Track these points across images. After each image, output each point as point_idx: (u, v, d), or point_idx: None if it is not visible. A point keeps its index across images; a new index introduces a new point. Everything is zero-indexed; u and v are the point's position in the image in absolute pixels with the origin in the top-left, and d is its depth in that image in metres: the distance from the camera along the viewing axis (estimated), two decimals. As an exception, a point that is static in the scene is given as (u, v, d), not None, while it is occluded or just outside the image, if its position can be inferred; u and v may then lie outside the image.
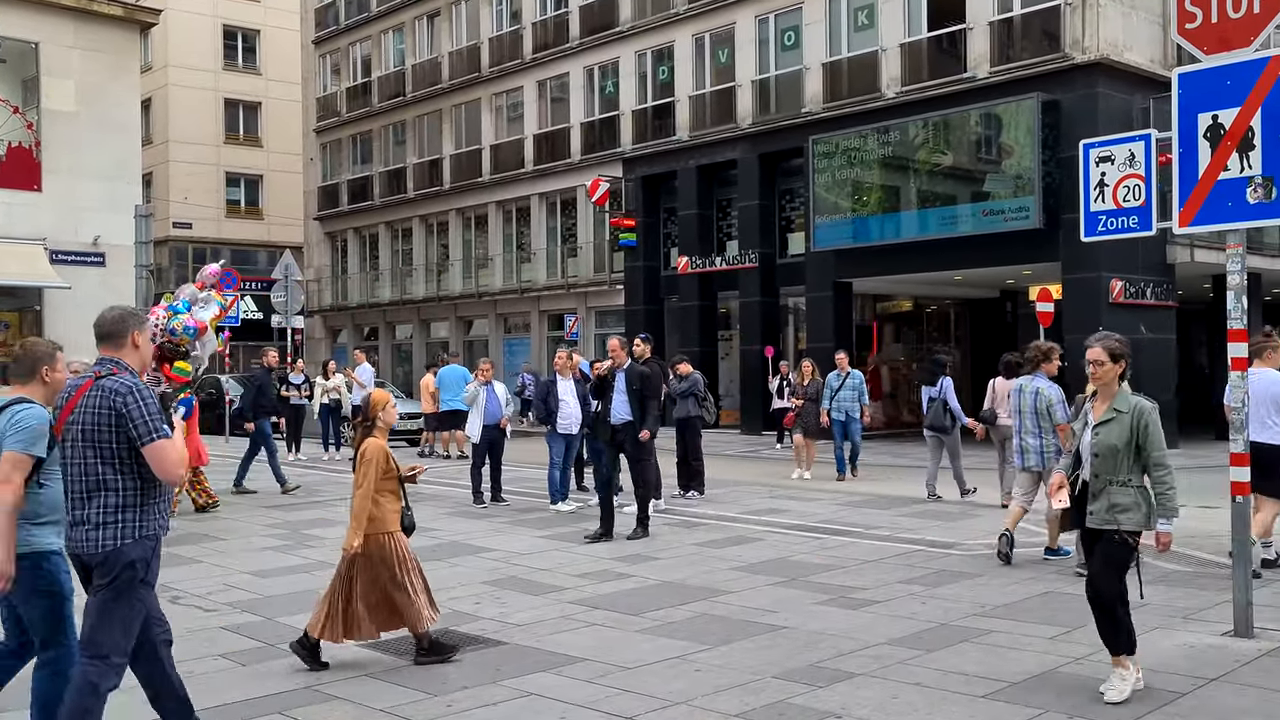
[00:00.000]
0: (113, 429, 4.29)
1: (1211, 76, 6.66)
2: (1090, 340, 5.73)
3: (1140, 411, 5.53)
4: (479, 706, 5.51)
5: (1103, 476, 5.55)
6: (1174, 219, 6.90)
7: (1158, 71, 20.41)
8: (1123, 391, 5.62)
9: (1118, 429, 5.52)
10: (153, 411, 4.32)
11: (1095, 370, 5.64)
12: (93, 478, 4.32)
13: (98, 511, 4.30)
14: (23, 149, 21.71)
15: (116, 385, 4.33)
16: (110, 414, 4.29)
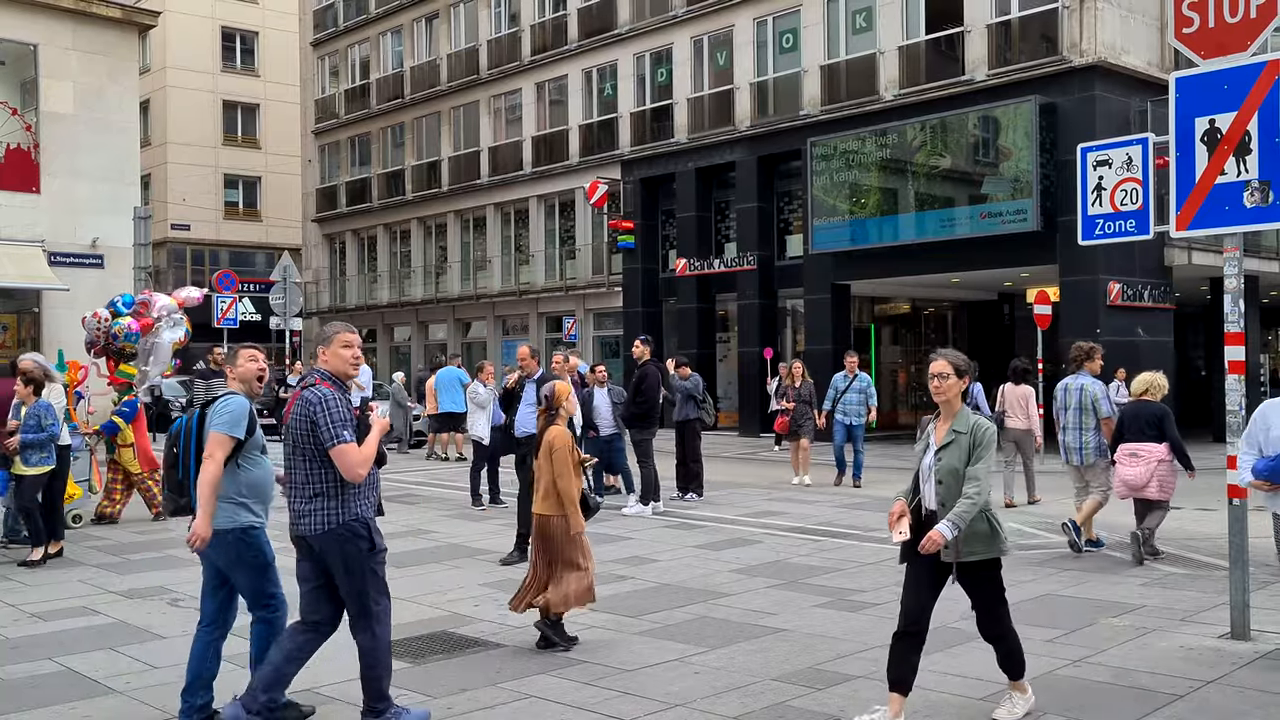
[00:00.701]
0: (309, 433, 4.98)
1: (1208, 81, 6.68)
2: (935, 353, 5.29)
3: (977, 430, 5.11)
4: (478, 709, 5.52)
5: (949, 504, 5.10)
6: (1171, 223, 6.93)
7: (1155, 75, 20.45)
8: (963, 411, 5.21)
9: (957, 451, 5.10)
10: (336, 420, 4.94)
11: (939, 384, 5.18)
12: (300, 472, 5.07)
13: (306, 501, 5.05)
14: (21, 151, 21.70)
15: (311, 396, 5.00)
16: (307, 421, 4.98)
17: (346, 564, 5.03)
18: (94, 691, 5.82)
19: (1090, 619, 7.21)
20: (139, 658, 6.47)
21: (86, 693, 5.80)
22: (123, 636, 6.98)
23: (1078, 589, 8.23)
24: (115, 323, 12.77)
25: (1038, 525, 11.49)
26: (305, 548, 5.14)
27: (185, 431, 5.24)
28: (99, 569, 9.32)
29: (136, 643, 6.82)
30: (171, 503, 5.34)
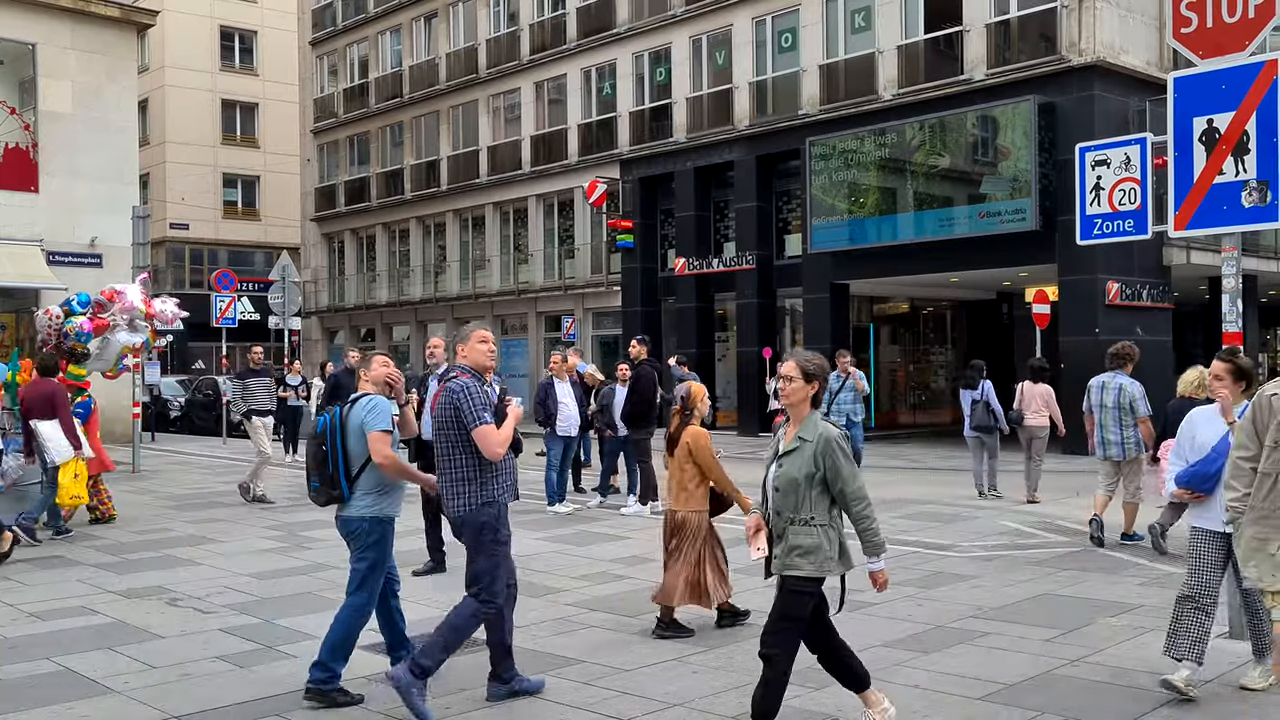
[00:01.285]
0: (454, 420, 5.50)
1: (1206, 81, 6.69)
2: (786, 354, 5.01)
3: (825, 440, 4.74)
4: (476, 708, 5.53)
5: (784, 514, 4.79)
6: (1169, 222, 6.94)
7: (1154, 74, 20.46)
8: (811, 418, 4.86)
9: (799, 460, 4.76)
10: (477, 404, 5.46)
11: (784, 387, 4.85)
12: (445, 458, 5.57)
13: (451, 484, 5.57)
14: (20, 150, 21.69)
15: (455, 386, 5.56)
16: (452, 408, 5.51)
17: (476, 543, 5.60)
18: (92, 691, 5.82)
19: (1088, 618, 7.21)
20: (137, 657, 6.47)
21: (85, 692, 5.80)
22: (121, 636, 6.98)
23: (1075, 588, 8.24)
24: (68, 321, 12.51)
25: (1036, 525, 11.50)
26: (455, 526, 5.71)
27: (331, 429, 5.74)
28: (97, 569, 9.32)
29: (135, 642, 6.82)
30: (324, 494, 5.80)
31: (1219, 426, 5.85)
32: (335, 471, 5.72)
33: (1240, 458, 4.96)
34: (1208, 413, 6.03)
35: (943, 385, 29.09)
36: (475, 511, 5.53)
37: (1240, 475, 4.94)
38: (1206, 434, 5.90)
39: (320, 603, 7.95)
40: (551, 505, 12.63)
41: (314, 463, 5.79)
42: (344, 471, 5.70)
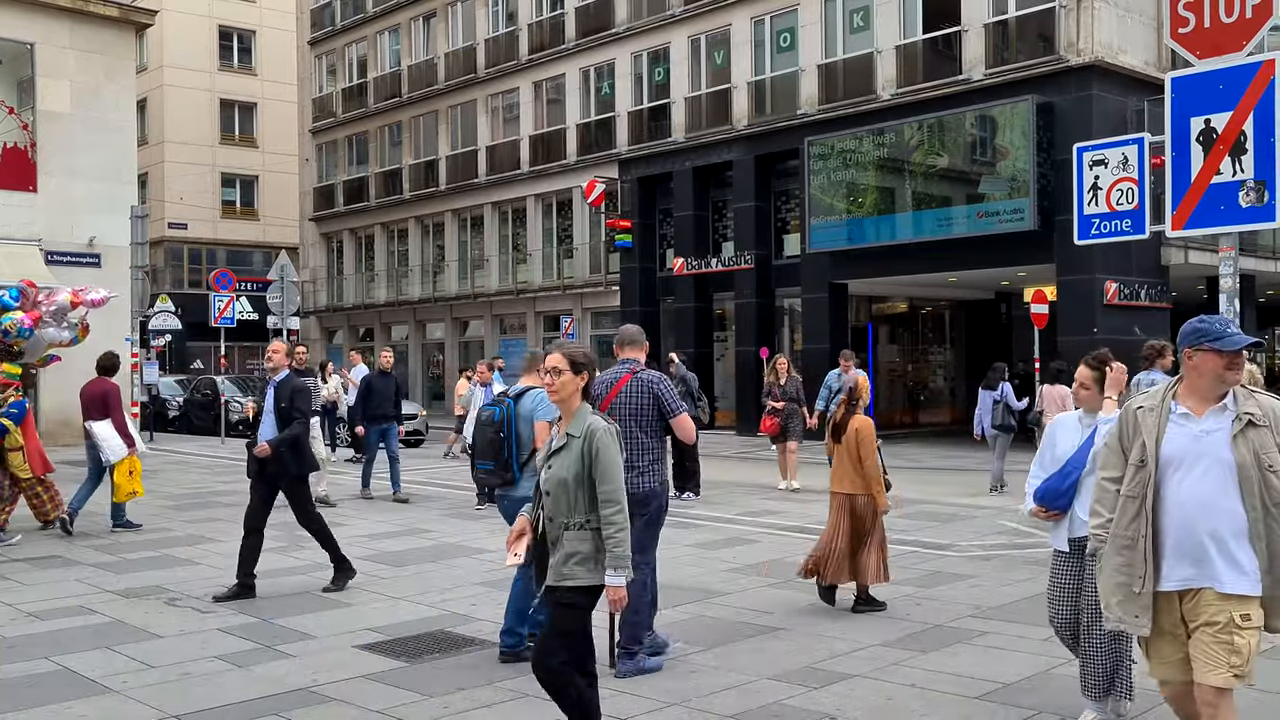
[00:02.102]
0: (650, 407, 6.20)
1: (1204, 81, 6.70)
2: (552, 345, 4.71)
3: (592, 435, 4.40)
4: (475, 707, 5.53)
5: (557, 519, 4.44)
6: (1167, 222, 6.95)
7: (1152, 74, 20.47)
8: (580, 411, 4.51)
9: (568, 459, 4.42)
10: (674, 394, 6.27)
11: (550, 381, 4.52)
12: (635, 440, 6.10)
13: (633, 463, 6.01)
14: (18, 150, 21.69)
15: (651, 377, 6.28)
16: (649, 396, 6.20)
17: (652, 518, 6.23)
18: (90, 691, 5.82)
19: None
20: (135, 657, 6.48)
21: (83, 692, 5.80)
22: (119, 636, 6.98)
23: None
24: (6, 318, 12.23)
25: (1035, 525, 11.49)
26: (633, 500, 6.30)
27: (506, 420, 6.34)
28: (96, 568, 9.32)
29: (133, 642, 6.82)
30: (498, 476, 6.39)
31: (1077, 437, 5.27)
32: (510, 456, 6.33)
33: (1105, 479, 4.17)
34: (1069, 421, 5.43)
35: (941, 385, 29.11)
36: (658, 488, 6.24)
37: (1104, 499, 4.14)
38: (1065, 445, 5.31)
39: (319, 602, 7.96)
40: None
41: (488, 448, 6.38)
42: (516, 456, 6.32)
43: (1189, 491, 3.90)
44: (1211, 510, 3.86)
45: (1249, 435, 3.85)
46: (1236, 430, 3.86)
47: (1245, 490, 3.83)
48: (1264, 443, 3.84)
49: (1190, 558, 3.89)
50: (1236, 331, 3.96)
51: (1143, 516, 3.94)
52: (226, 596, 8.01)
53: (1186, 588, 3.93)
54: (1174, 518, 3.92)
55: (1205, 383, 3.95)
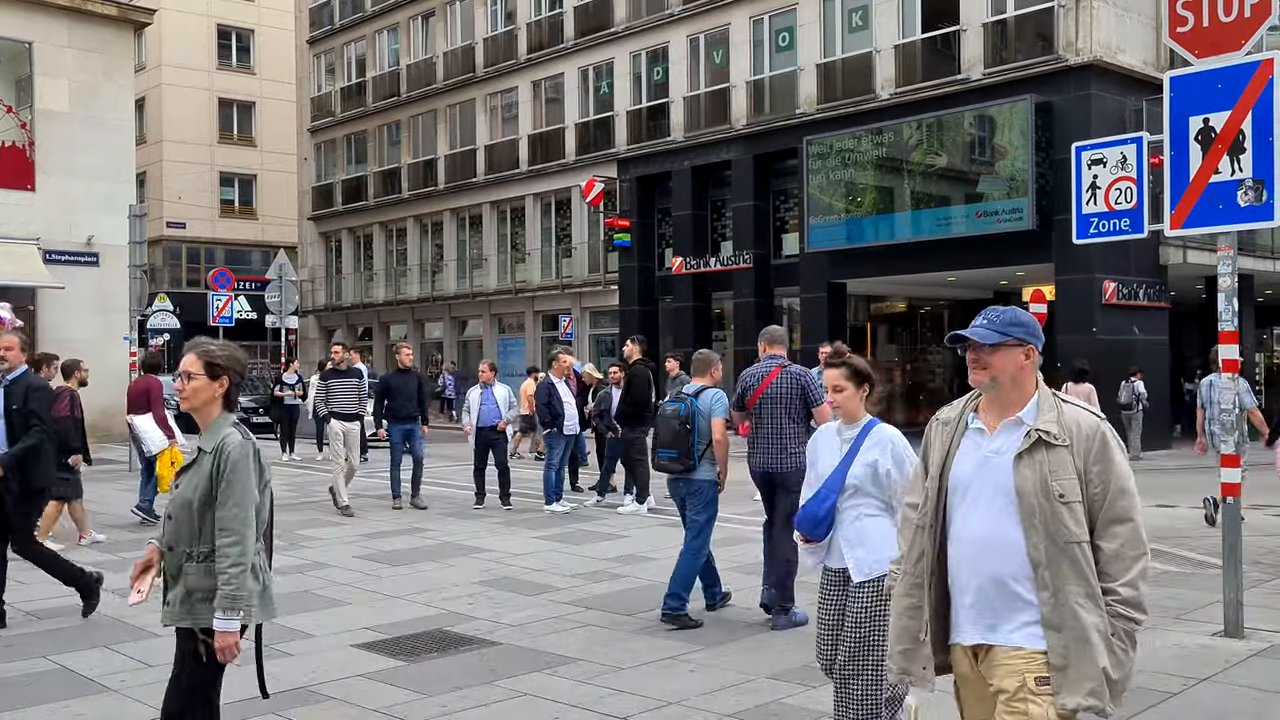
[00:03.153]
0: (797, 397, 7.09)
1: (1203, 80, 6.69)
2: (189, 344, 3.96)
3: (224, 450, 3.72)
4: (473, 706, 5.53)
5: (178, 549, 3.79)
6: (1165, 222, 6.94)
7: (1151, 74, 20.47)
8: (218, 422, 3.80)
9: (195, 478, 3.77)
10: (818, 387, 6.85)
11: (183, 386, 3.81)
12: (781, 427, 7.06)
13: (785, 447, 7.02)
14: (16, 149, 21.65)
15: (798, 371, 7.22)
16: (797, 387, 7.10)
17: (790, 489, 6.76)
18: (88, 689, 5.81)
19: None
20: (134, 656, 6.47)
21: (81, 691, 5.80)
22: (118, 635, 6.98)
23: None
24: None
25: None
26: (766, 479, 7.23)
27: (690, 414, 7.21)
28: (94, 567, 9.29)
29: (131, 641, 6.82)
30: (681, 463, 7.22)
31: (837, 454, 4.57)
32: (692, 446, 7.18)
33: (907, 504, 3.42)
34: (829, 432, 4.66)
35: (940, 384, 29.09)
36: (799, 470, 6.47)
37: (905, 528, 3.38)
38: (825, 463, 4.58)
39: (317, 601, 7.95)
40: (549, 504, 12.63)
41: (674, 439, 7.23)
42: (696, 445, 7.18)
43: (972, 525, 3.13)
44: (992, 549, 3.08)
45: (1036, 457, 3.03)
46: (1022, 449, 3.06)
47: (1026, 525, 3.03)
48: (1057, 466, 3.02)
49: (975, 606, 3.14)
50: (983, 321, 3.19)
51: (930, 553, 3.22)
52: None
53: (976, 642, 3.18)
54: (957, 556, 3.18)
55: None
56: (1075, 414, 3.11)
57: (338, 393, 13.12)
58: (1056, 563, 3.00)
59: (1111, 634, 3.01)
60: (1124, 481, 3.04)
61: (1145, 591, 3.03)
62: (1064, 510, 3.00)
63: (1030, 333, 3.18)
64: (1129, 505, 3.03)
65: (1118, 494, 3.03)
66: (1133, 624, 3.02)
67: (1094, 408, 3.04)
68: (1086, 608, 2.98)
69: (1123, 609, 3.00)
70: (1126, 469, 3.07)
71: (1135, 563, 3.01)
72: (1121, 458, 3.07)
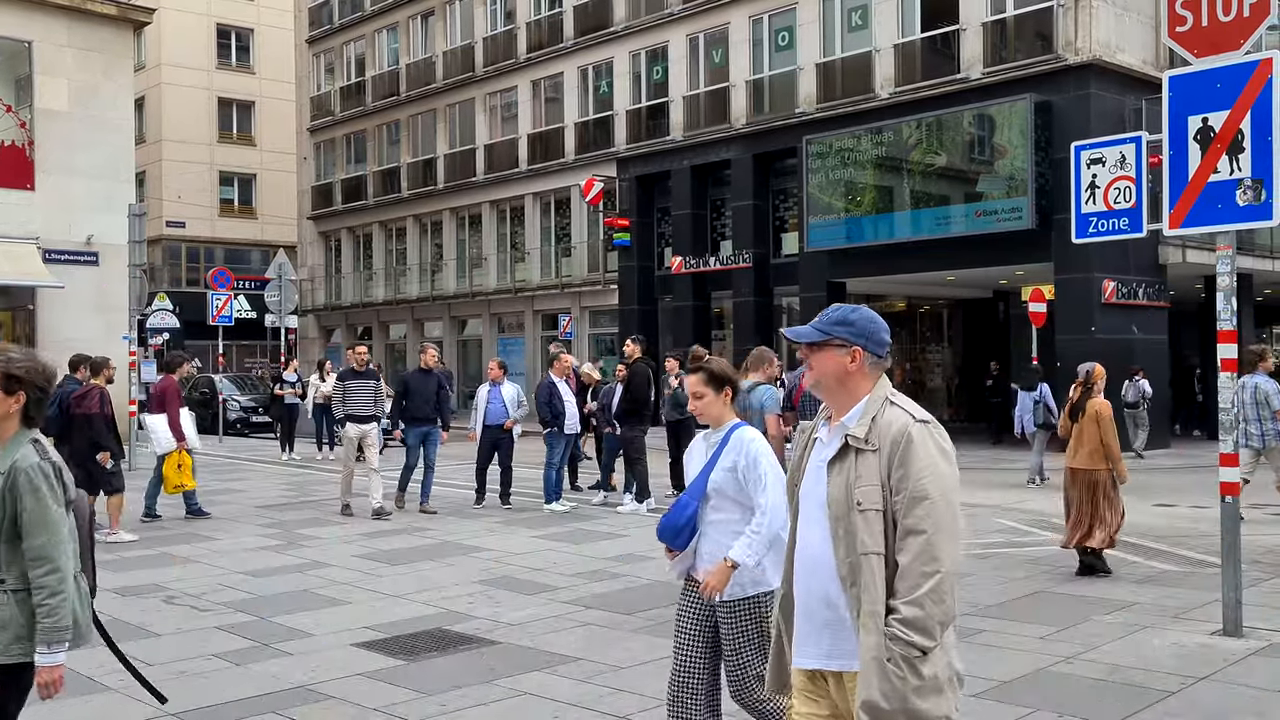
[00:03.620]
0: None
1: (1201, 79, 6.70)
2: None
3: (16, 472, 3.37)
4: (473, 705, 5.53)
5: None
6: (1164, 221, 6.95)
7: (1150, 73, 20.46)
8: (15, 440, 3.45)
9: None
10: None
11: None
12: None
13: None
14: (16, 148, 21.64)
15: None
16: None
17: None
18: (87, 689, 5.81)
19: (1083, 616, 7.23)
20: (133, 654, 6.45)
21: (80, 690, 5.79)
22: (117, 634, 6.88)
23: (1070, 586, 8.26)
24: None
25: (1032, 523, 11.52)
26: None
27: (745, 410, 7.28)
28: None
29: (130, 640, 6.81)
30: None
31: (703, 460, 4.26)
32: None
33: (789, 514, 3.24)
34: (699, 440, 4.37)
35: (939, 384, 29.12)
36: None
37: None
38: (694, 469, 4.28)
39: (317, 600, 7.95)
40: (549, 503, 12.63)
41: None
42: None
43: (803, 540, 2.99)
44: (818, 565, 2.91)
45: (846, 463, 2.87)
46: (833, 456, 2.90)
47: (834, 537, 2.85)
48: (863, 472, 2.82)
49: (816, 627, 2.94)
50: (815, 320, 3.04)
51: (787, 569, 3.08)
52: None
53: (813, 667, 2.96)
54: (796, 574, 3.01)
55: None
56: (893, 416, 2.86)
57: (355, 395, 12.74)
58: (859, 578, 2.78)
59: (887, 658, 2.70)
60: (923, 489, 2.74)
61: (936, 613, 2.69)
62: (860, 520, 2.79)
63: (859, 334, 2.95)
64: (924, 515, 2.73)
65: (913, 502, 2.74)
66: (911, 648, 2.68)
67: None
68: (869, 628, 2.74)
69: (900, 630, 2.69)
70: (935, 474, 2.77)
71: (925, 580, 2.69)
72: (930, 462, 2.77)
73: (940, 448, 2.81)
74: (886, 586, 2.75)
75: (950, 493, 2.77)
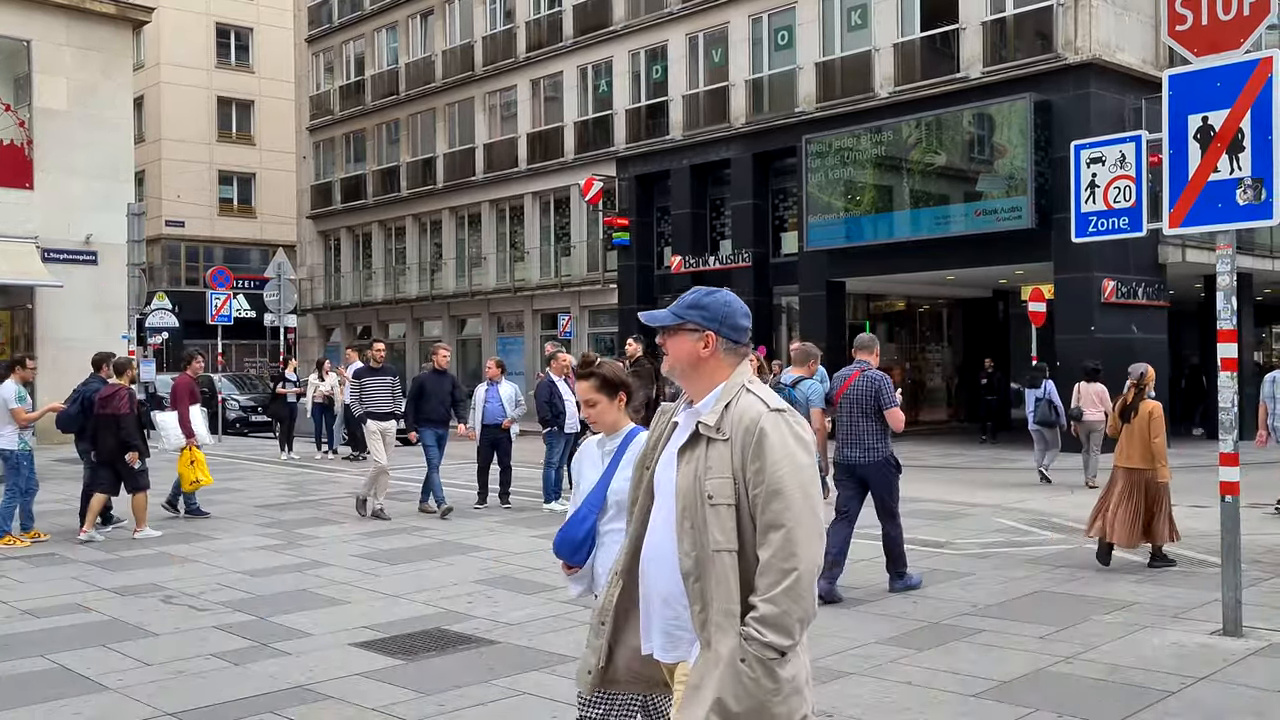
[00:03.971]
0: (871, 398, 7.89)
1: (1202, 78, 6.68)
2: None
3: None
4: (471, 705, 5.52)
5: None
6: (1164, 220, 6.93)
7: (1150, 72, 20.46)
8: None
9: None
10: (891, 391, 7.96)
11: None
12: (859, 424, 7.96)
13: (863, 442, 7.96)
14: (15, 147, 21.63)
15: (875, 375, 8.02)
16: (873, 390, 7.92)
17: (884, 484, 7.99)
18: (86, 689, 5.80)
19: (1083, 616, 7.22)
20: (131, 654, 6.46)
21: (79, 690, 5.79)
22: (115, 633, 6.97)
23: (1070, 586, 8.25)
24: None
25: (1032, 523, 11.51)
26: (849, 471, 8.04)
27: (792, 403, 7.58)
28: (91, 566, 9.30)
29: (129, 640, 6.81)
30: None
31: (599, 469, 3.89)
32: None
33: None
34: (591, 446, 4.00)
35: (939, 383, 29.09)
36: (880, 462, 7.95)
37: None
38: (588, 481, 3.90)
39: (316, 600, 7.94)
40: (548, 503, 12.62)
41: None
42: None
43: (651, 526, 2.88)
44: (664, 562, 2.79)
45: (695, 453, 2.74)
46: (683, 444, 2.79)
47: (679, 530, 2.72)
48: (714, 463, 2.69)
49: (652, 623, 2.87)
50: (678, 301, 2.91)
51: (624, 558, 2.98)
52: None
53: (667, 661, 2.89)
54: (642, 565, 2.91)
55: None
56: (747, 405, 2.72)
57: (373, 392, 12.63)
58: (706, 573, 2.66)
59: (741, 658, 2.58)
60: (780, 482, 2.62)
61: (794, 610, 2.59)
62: (711, 514, 2.65)
63: (712, 318, 2.82)
64: (782, 509, 2.60)
65: (771, 496, 2.61)
66: (767, 648, 2.57)
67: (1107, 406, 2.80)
68: (723, 627, 2.62)
69: (755, 629, 2.57)
70: (792, 466, 2.64)
71: (784, 576, 2.58)
72: (787, 454, 2.64)
73: (797, 437, 2.70)
74: (743, 584, 2.64)
75: (809, 485, 2.65)
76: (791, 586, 2.59)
